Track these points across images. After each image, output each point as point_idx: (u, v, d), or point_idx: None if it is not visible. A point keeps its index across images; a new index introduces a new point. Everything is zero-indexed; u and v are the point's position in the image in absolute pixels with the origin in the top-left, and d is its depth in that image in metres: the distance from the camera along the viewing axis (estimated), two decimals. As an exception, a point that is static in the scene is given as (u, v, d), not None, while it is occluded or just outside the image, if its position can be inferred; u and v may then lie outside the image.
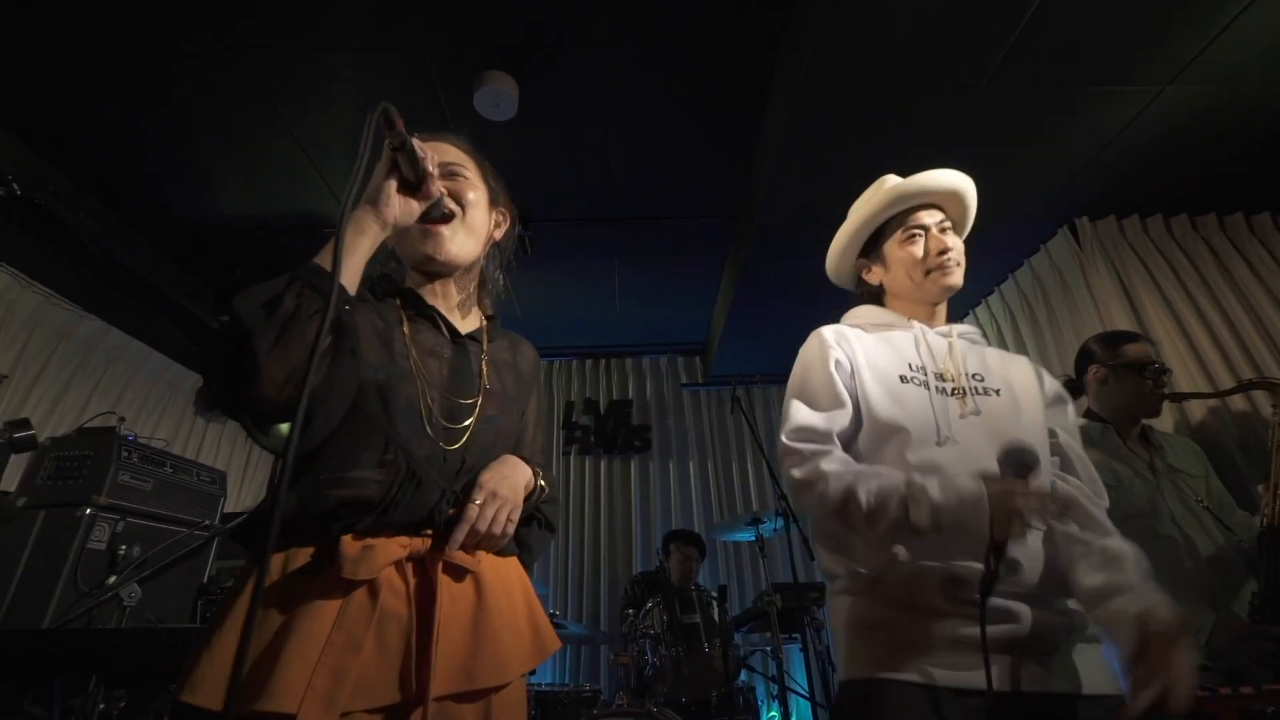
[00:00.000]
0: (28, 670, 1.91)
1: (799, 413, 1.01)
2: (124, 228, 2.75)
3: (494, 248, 1.03)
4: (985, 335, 1.18)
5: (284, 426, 0.69)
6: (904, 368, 1.05)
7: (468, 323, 0.98)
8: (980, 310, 3.47)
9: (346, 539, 0.72)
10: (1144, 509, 1.53)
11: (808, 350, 1.10)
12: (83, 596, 2.17)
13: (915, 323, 1.12)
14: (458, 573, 0.78)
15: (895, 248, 1.15)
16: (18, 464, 2.32)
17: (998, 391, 1.02)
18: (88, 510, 2.32)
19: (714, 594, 2.51)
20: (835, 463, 0.95)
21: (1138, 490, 1.54)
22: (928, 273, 1.10)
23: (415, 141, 0.76)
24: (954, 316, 1.18)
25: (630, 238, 3.23)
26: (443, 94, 2.31)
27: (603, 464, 4.15)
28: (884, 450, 0.98)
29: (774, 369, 4.10)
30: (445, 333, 0.92)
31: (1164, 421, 2.12)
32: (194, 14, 1.96)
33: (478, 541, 0.80)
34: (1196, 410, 2.25)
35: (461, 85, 2.24)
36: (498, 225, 1.02)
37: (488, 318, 1.04)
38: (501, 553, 0.87)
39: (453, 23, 2.03)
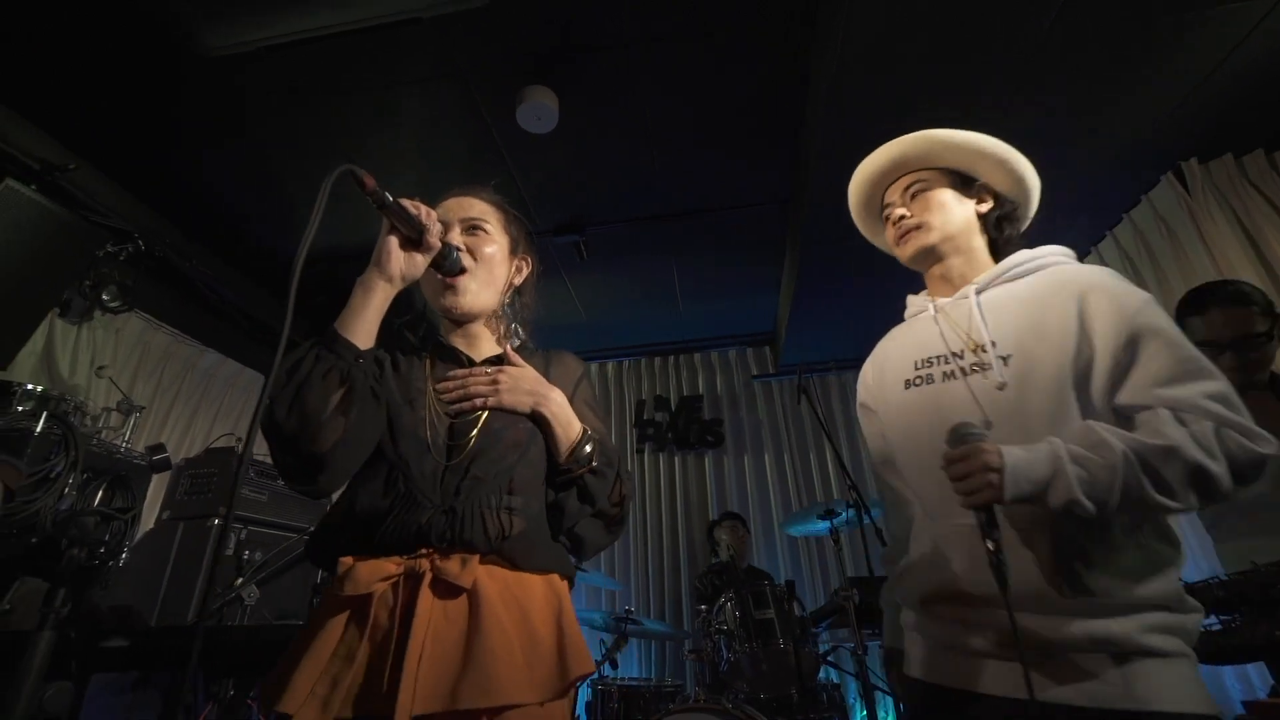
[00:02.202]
0: (177, 660, 2.19)
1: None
2: (229, 269, 3.09)
3: (515, 292, 1.06)
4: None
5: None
6: (909, 368, 1.00)
7: (490, 351, 1.01)
8: (1076, 274, 3.15)
9: (344, 559, 0.78)
10: None
11: None
12: (215, 597, 2.47)
13: (931, 301, 1.04)
14: (451, 590, 0.77)
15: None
16: (158, 482, 2.69)
17: (1006, 359, 0.89)
18: (215, 521, 2.64)
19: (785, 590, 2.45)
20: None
21: None
22: (897, 245, 1.06)
23: (407, 201, 0.84)
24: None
25: (684, 232, 3.21)
26: (487, 115, 2.41)
27: (676, 460, 4.16)
28: (916, 474, 0.96)
29: (845, 354, 3.94)
30: (465, 363, 0.97)
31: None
32: (273, 71, 2.15)
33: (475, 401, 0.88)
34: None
35: (504, 104, 2.32)
36: (519, 271, 1.06)
37: (517, 345, 1.06)
38: (536, 570, 0.84)
39: (484, 44, 2.11)
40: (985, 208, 1.03)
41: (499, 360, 0.98)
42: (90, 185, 2.36)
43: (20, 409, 2.16)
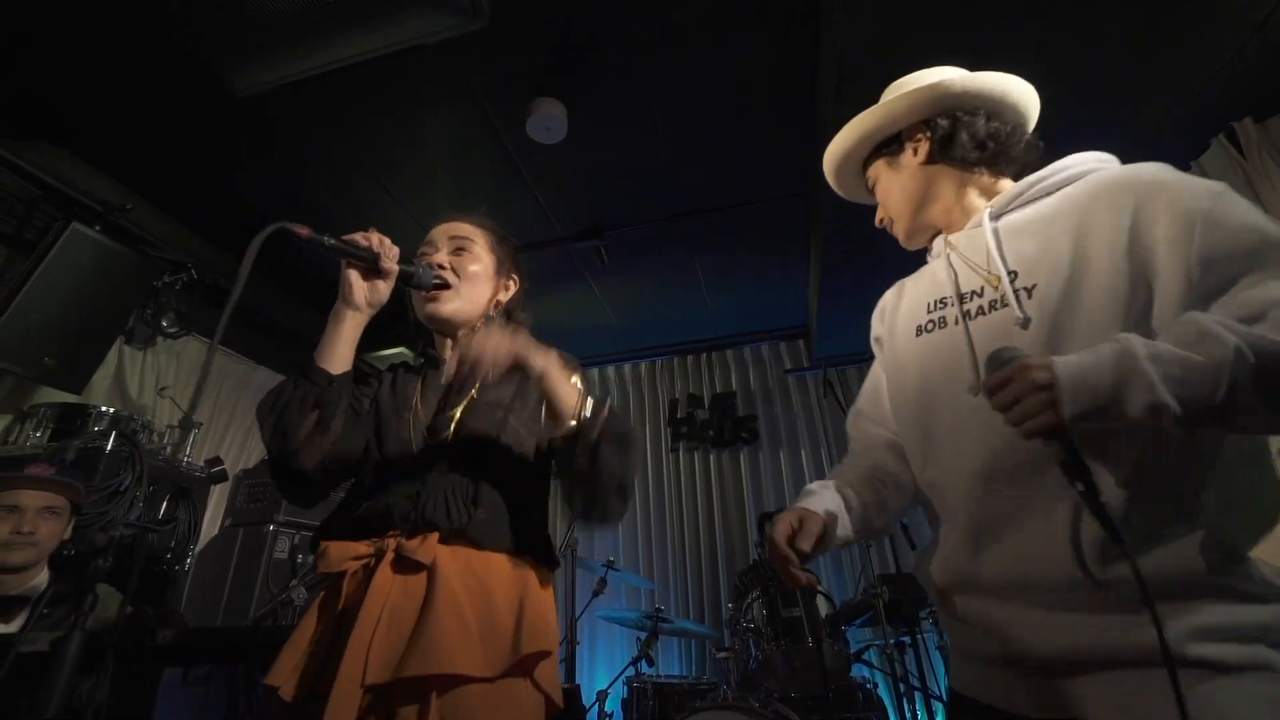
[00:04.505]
0: (240, 656, 2.36)
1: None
2: (277, 290, 3.29)
3: (505, 311, 1.11)
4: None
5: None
6: (922, 313, 0.87)
7: None
8: (1125, 249, 2.96)
9: (325, 542, 0.88)
10: None
11: None
12: (273, 598, 2.65)
13: (940, 240, 0.90)
14: (412, 567, 0.82)
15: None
16: (220, 492, 2.90)
17: (1028, 291, 0.72)
18: (271, 527, 2.83)
19: (819, 587, 2.42)
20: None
21: None
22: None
23: (359, 234, 0.91)
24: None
25: (705, 230, 3.20)
26: (501, 130, 2.48)
27: (711, 459, 4.15)
28: (906, 428, 0.86)
29: (880, 344, 3.83)
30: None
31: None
32: (303, 102, 2.27)
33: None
34: None
35: (515, 118, 2.37)
36: (505, 289, 1.11)
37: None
38: (503, 549, 0.86)
39: (490, 62, 2.17)
40: (921, 149, 0.89)
41: None
42: (146, 221, 2.57)
43: (96, 429, 2.39)
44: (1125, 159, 2.47)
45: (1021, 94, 0.89)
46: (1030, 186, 0.80)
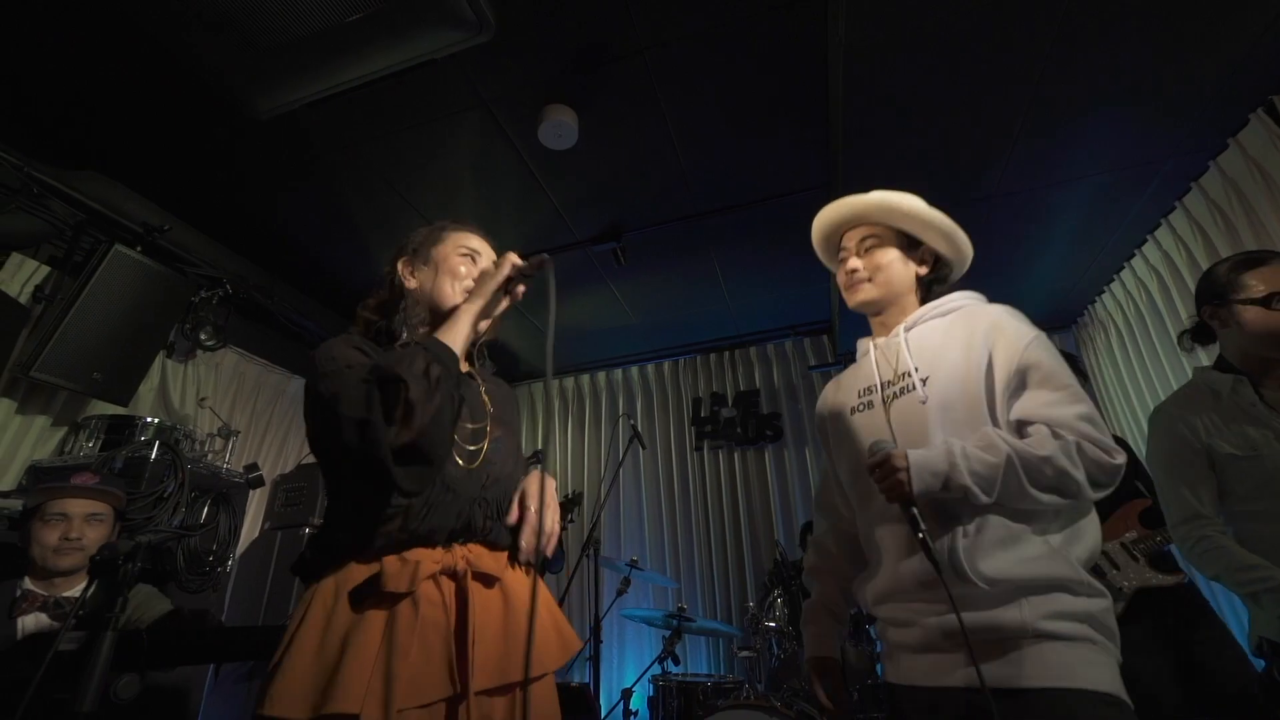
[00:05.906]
0: (269, 655, 2.47)
1: None
2: (309, 299, 3.42)
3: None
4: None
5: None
6: (854, 399, 1.16)
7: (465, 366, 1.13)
8: (1161, 234, 2.83)
9: (388, 559, 0.84)
10: None
11: None
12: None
13: (872, 342, 1.19)
14: (487, 580, 0.89)
15: None
16: (259, 497, 3.02)
17: (924, 381, 1.04)
18: (307, 529, 2.94)
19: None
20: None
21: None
22: (846, 291, 1.21)
23: (514, 259, 1.01)
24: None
25: (723, 227, 3.19)
26: (514, 138, 2.52)
27: (736, 457, 4.14)
28: (849, 485, 1.14)
29: (906, 338, 3.75)
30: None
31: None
32: (326, 119, 2.36)
33: (542, 543, 0.94)
34: None
35: (527, 126, 2.42)
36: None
37: (477, 361, 1.17)
38: (528, 566, 0.98)
39: (499, 73, 2.22)
40: (925, 271, 1.17)
41: (472, 375, 1.10)
42: (183, 239, 2.70)
43: (142, 439, 2.52)
44: (1159, 144, 2.36)
45: (967, 265, 1.21)
46: (929, 311, 1.12)
